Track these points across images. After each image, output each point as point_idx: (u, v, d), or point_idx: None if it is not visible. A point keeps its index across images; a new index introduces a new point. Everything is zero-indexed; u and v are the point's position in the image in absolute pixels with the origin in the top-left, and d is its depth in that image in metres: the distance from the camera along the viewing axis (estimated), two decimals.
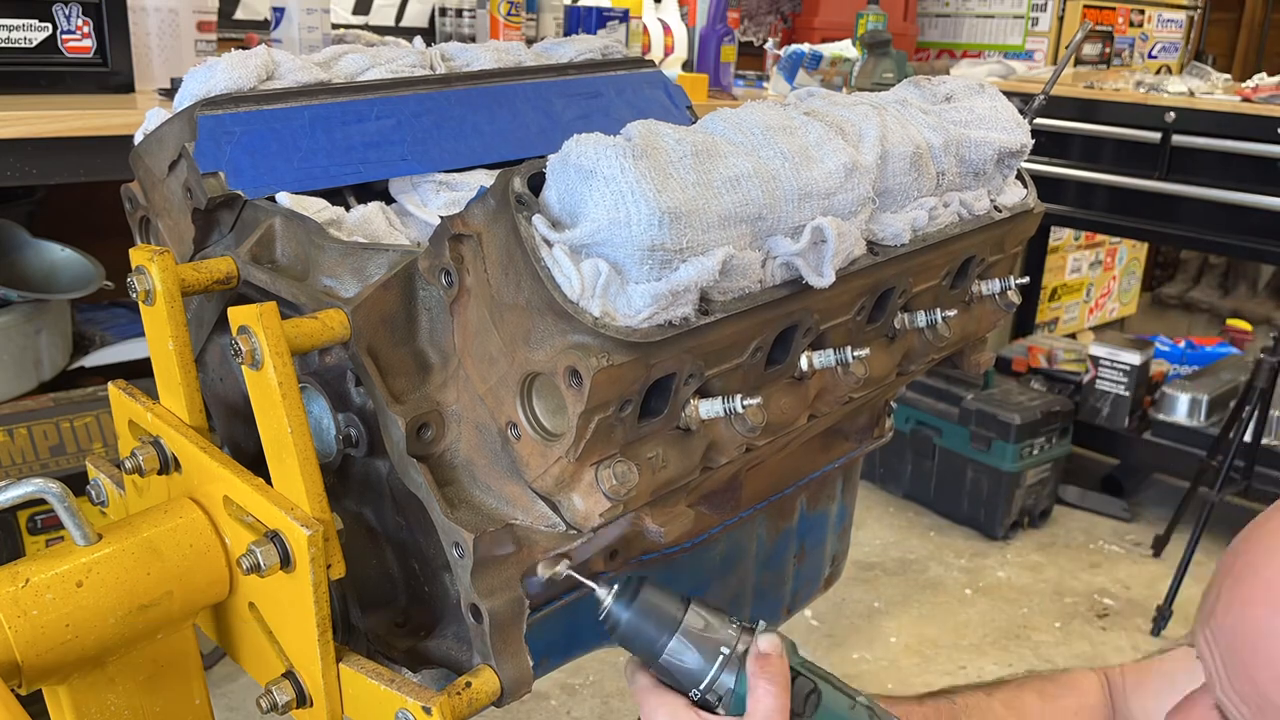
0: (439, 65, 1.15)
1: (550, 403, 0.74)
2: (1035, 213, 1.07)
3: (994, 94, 1.02)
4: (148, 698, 0.87)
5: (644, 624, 0.80)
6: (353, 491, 0.90)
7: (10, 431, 1.95)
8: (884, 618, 2.93)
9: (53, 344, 2.11)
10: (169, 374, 0.88)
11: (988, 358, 1.16)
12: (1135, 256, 5.45)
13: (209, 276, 0.86)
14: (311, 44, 2.27)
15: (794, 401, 0.88)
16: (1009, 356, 3.85)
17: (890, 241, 0.88)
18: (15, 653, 0.74)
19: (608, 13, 3.01)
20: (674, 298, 0.70)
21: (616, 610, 0.80)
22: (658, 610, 0.80)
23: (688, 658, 0.79)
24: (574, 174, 0.70)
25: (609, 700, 2.49)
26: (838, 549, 1.30)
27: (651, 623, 0.80)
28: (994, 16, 4.76)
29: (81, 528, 0.78)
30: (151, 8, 2.15)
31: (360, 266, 0.83)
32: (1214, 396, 3.46)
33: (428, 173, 1.03)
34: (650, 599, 0.80)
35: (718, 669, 0.80)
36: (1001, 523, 3.33)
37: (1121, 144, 3.29)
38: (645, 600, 0.80)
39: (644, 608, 0.80)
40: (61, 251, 2.18)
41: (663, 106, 1.25)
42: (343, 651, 0.81)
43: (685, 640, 0.79)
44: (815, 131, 0.82)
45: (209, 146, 0.91)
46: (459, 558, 0.77)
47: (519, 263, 0.70)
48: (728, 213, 0.73)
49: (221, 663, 2.29)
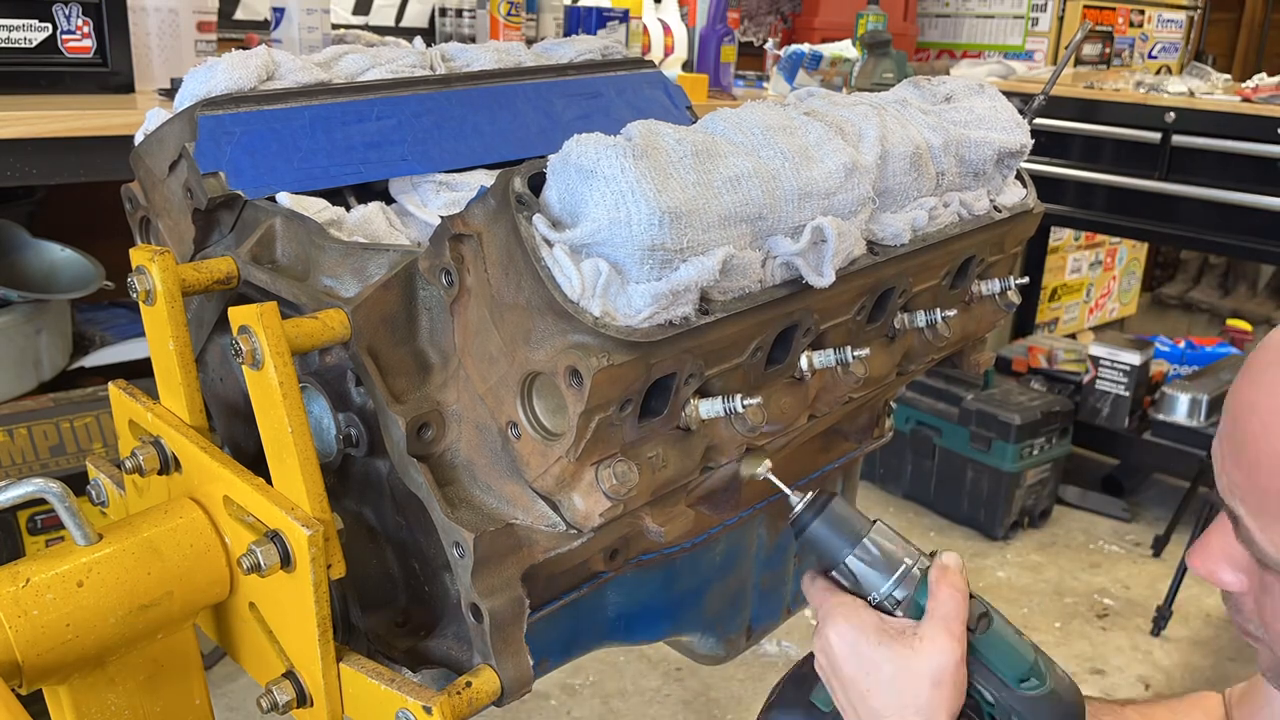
0: (439, 65, 1.15)
1: (550, 402, 0.74)
2: (1035, 213, 1.07)
3: (994, 94, 1.02)
4: (148, 698, 0.87)
5: (831, 531, 0.87)
6: (353, 491, 0.90)
7: (10, 431, 1.95)
8: None
9: (53, 344, 2.11)
10: (169, 374, 0.88)
11: (988, 358, 1.16)
12: (1135, 256, 5.45)
13: (209, 276, 0.86)
14: (311, 44, 2.27)
15: (794, 401, 0.88)
16: (1009, 356, 3.85)
17: (890, 241, 0.88)
18: (16, 652, 0.74)
19: (608, 13, 3.01)
20: (674, 297, 0.70)
21: (805, 516, 0.87)
22: (847, 521, 0.87)
23: (871, 564, 0.87)
24: (574, 174, 0.70)
25: (609, 700, 2.49)
26: None
27: (839, 531, 0.87)
28: (994, 16, 4.76)
29: (82, 528, 0.78)
30: (151, 8, 2.15)
31: (360, 266, 0.83)
32: (1214, 396, 3.46)
33: (428, 173, 1.03)
34: (840, 511, 0.87)
35: (897, 579, 0.87)
36: (1001, 523, 3.33)
37: (1121, 144, 3.29)
38: (835, 511, 0.87)
39: (833, 517, 0.87)
40: (61, 251, 2.18)
41: (663, 107, 1.25)
42: (343, 651, 0.81)
43: (871, 548, 0.87)
44: (815, 131, 0.82)
45: (209, 147, 0.91)
46: (459, 557, 0.77)
47: (519, 263, 0.70)
48: (728, 212, 0.73)
49: (221, 663, 2.29)
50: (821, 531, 0.87)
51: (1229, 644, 2.85)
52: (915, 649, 0.84)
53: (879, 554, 0.87)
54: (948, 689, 0.84)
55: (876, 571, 0.87)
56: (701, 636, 1.17)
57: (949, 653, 0.84)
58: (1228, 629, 2.94)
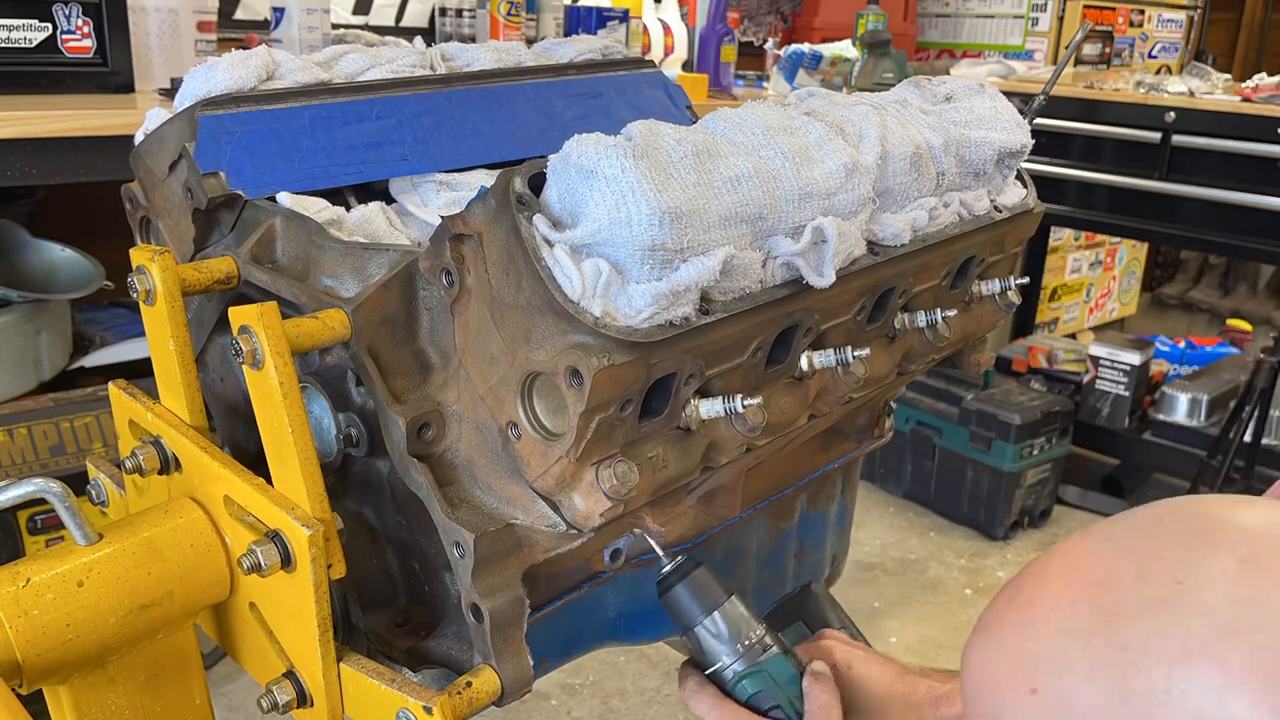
0: (439, 65, 1.15)
1: (551, 403, 0.74)
2: (1035, 213, 1.07)
3: (994, 94, 1.02)
4: (148, 698, 0.87)
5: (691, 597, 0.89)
6: (353, 491, 0.90)
7: (10, 431, 1.95)
8: (884, 618, 2.93)
9: (53, 344, 2.11)
10: (169, 374, 0.88)
11: (988, 358, 1.16)
12: (1135, 256, 5.45)
13: (209, 276, 0.86)
14: (311, 44, 2.27)
15: (794, 401, 0.89)
16: (1009, 356, 3.85)
17: (890, 241, 0.88)
18: (16, 652, 0.74)
19: (608, 13, 3.01)
20: (674, 297, 0.70)
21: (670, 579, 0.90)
22: (707, 590, 0.90)
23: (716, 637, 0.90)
24: (574, 174, 0.70)
25: (609, 700, 2.49)
26: (838, 549, 1.30)
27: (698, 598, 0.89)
28: (994, 16, 4.76)
29: (82, 527, 0.78)
30: (151, 8, 2.15)
31: (361, 266, 0.83)
32: (1214, 396, 3.46)
33: (428, 173, 1.03)
34: (702, 580, 0.90)
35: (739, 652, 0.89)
36: (1001, 523, 3.33)
37: (1121, 144, 3.29)
38: (697, 579, 0.89)
39: (695, 584, 0.89)
40: (61, 251, 2.18)
41: (663, 106, 1.25)
42: (343, 651, 0.81)
43: (720, 621, 0.89)
44: (815, 131, 0.82)
45: (209, 146, 0.91)
46: (459, 557, 0.77)
47: (519, 263, 0.70)
48: (728, 212, 0.73)
49: (221, 663, 2.29)
50: (683, 596, 0.89)
51: None
52: None
53: (725, 628, 0.89)
54: None
55: (720, 644, 0.89)
56: None
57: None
58: None
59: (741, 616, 0.90)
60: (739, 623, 0.90)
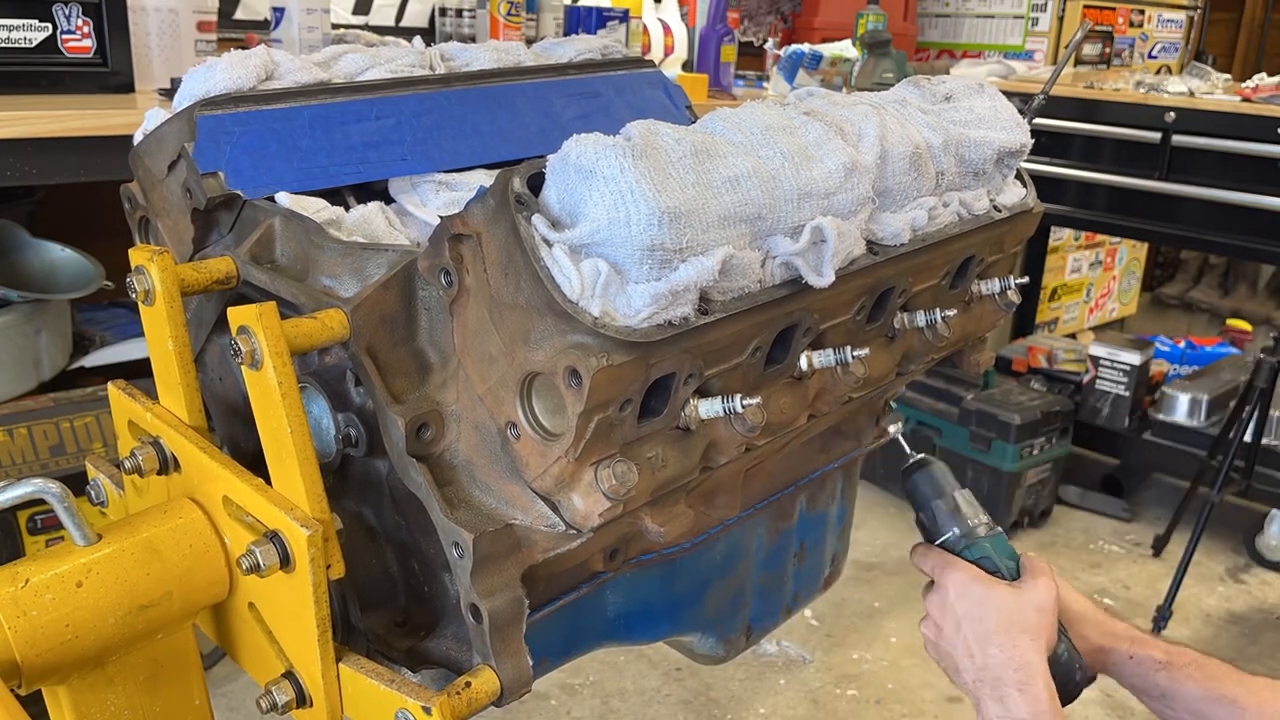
0: (439, 65, 1.15)
1: (550, 403, 0.74)
2: (1035, 212, 1.07)
3: (994, 94, 1.02)
4: (148, 698, 0.87)
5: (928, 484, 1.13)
6: (352, 491, 0.90)
7: (10, 431, 1.95)
8: (884, 618, 2.92)
9: (53, 344, 2.11)
10: (169, 374, 0.88)
11: (988, 357, 1.16)
12: (1135, 256, 5.45)
13: (208, 276, 0.86)
14: (311, 44, 2.27)
15: (794, 401, 0.88)
16: (1009, 356, 3.84)
17: (890, 241, 0.88)
18: (15, 653, 0.74)
19: (608, 13, 3.01)
20: (674, 297, 0.70)
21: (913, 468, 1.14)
22: (939, 480, 1.13)
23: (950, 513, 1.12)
24: (574, 174, 0.70)
25: (609, 700, 2.49)
26: (838, 549, 1.30)
27: (932, 486, 1.13)
28: (994, 16, 4.76)
29: (81, 528, 0.78)
30: (151, 8, 2.15)
31: (360, 266, 0.83)
32: (1214, 396, 3.46)
33: (427, 173, 1.03)
34: (937, 472, 1.14)
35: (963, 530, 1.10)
36: (1001, 523, 3.33)
37: (1121, 144, 3.29)
38: (933, 470, 1.13)
39: (930, 474, 1.13)
40: (61, 251, 2.18)
41: (662, 106, 1.25)
42: (342, 651, 0.81)
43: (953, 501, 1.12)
44: (815, 131, 0.82)
45: (208, 146, 0.91)
46: (458, 558, 0.77)
47: (519, 263, 0.70)
48: (727, 212, 0.73)
49: (221, 663, 2.29)
50: (924, 480, 1.13)
51: (1229, 644, 2.86)
52: (1023, 588, 1.05)
53: (961, 506, 1.12)
54: (1049, 616, 1.03)
55: (951, 519, 1.11)
56: (701, 636, 1.17)
57: (1050, 590, 1.05)
58: (1228, 629, 2.94)
59: (971, 503, 1.12)
60: (970, 505, 1.12)
